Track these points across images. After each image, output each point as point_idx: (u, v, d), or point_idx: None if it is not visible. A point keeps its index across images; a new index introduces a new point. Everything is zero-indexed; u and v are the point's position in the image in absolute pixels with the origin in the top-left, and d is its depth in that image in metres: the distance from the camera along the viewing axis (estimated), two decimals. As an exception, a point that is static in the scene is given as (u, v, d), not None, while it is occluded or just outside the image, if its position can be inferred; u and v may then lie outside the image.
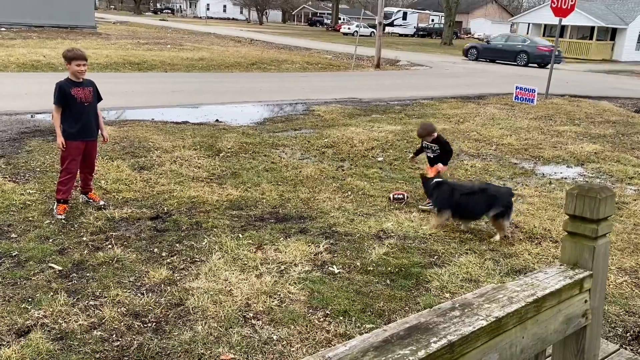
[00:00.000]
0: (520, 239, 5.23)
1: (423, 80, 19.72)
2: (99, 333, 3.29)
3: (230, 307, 3.63)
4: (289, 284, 3.99)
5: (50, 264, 4.11)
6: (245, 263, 4.30)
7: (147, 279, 3.98)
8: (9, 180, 5.93)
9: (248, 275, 4.08)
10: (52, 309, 3.48)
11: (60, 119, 5.00)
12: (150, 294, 3.77)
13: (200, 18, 76.34)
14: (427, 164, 6.26)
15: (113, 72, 16.30)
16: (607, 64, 35.45)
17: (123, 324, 3.39)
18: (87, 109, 5.09)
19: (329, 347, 2.98)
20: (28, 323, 3.33)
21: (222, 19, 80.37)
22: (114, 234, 4.75)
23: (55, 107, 4.97)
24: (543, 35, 41.93)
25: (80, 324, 3.35)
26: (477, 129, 10.52)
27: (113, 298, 3.67)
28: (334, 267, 4.35)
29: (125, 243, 4.59)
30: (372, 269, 4.35)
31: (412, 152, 6.96)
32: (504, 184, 7.08)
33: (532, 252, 4.92)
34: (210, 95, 13.08)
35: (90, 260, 4.22)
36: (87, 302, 3.63)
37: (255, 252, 4.51)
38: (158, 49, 22.41)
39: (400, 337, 1.26)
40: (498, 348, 1.45)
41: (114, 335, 3.28)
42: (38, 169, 6.44)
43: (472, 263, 4.56)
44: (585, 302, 1.81)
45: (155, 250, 4.49)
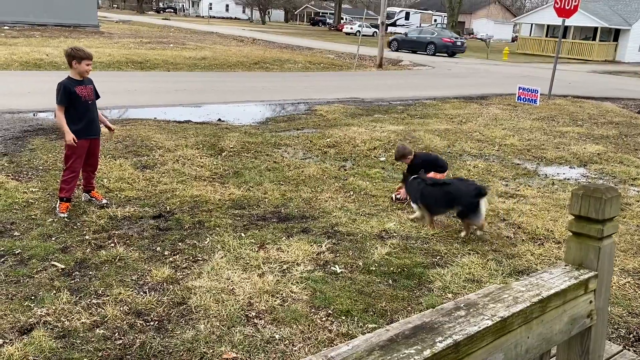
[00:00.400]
0: (523, 240, 5.22)
1: (425, 80, 19.71)
2: (102, 331, 3.29)
3: (233, 306, 3.63)
4: (292, 284, 3.99)
5: (53, 262, 4.12)
6: (248, 262, 4.30)
7: (149, 278, 3.98)
8: (12, 179, 5.94)
9: (250, 275, 4.08)
10: (54, 307, 3.48)
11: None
12: (153, 293, 3.77)
13: (203, 17, 76.42)
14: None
15: (116, 70, 16.32)
16: (610, 65, 35.39)
17: (125, 323, 3.39)
18: (90, 107, 5.12)
19: (332, 346, 2.97)
20: (31, 321, 3.34)
21: (224, 18, 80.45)
22: (117, 233, 4.75)
23: (59, 106, 4.97)
24: (546, 36, 41.98)
25: (83, 322, 3.35)
26: (479, 130, 10.51)
27: (115, 296, 3.67)
28: (336, 266, 4.35)
29: (128, 242, 4.60)
30: (374, 269, 4.34)
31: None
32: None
33: (534, 252, 4.92)
34: (213, 95, 13.08)
35: (93, 259, 4.23)
36: (89, 300, 3.63)
37: (258, 251, 4.51)
38: (161, 48, 22.43)
39: (406, 336, 1.26)
40: (503, 348, 1.44)
41: (117, 334, 3.28)
42: (41, 167, 6.45)
43: (474, 263, 4.55)
44: (590, 302, 1.80)
45: (158, 249, 4.50)
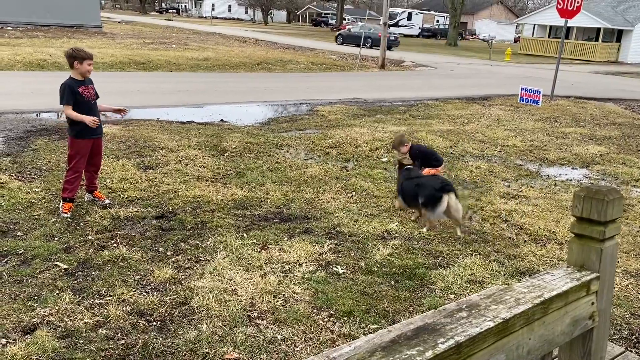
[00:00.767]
0: (525, 241, 5.22)
1: (428, 81, 19.70)
2: (104, 331, 3.30)
3: (235, 306, 3.63)
4: (294, 284, 3.99)
5: (56, 262, 4.13)
6: (250, 263, 4.31)
7: (152, 278, 3.99)
8: (16, 179, 5.96)
9: (252, 275, 4.08)
10: (57, 307, 3.50)
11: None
12: (155, 293, 3.78)
13: (206, 18, 76.52)
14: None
15: (118, 71, 16.36)
16: (612, 66, 35.31)
17: (128, 323, 3.40)
18: (92, 107, 5.13)
19: (334, 347, 2.98)
20: (34, 321, 3.35)
21: (227, 19, 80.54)
22: (119, 233, 4.76)
23: (66, 105, 4.98)
24: (548, 37, 41.92)
25: (86, 322, 3.36)
26: (482, 130, 10.50)
27: (118, 297, 3.69)
28: (338, 267, 4.35)
29: (131, 242, 4.61)
30: (376, 270, 4.35)
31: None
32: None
33: (537, 253, 4.91)
34: (215, 95, 13.10)
35: (96, 259, 4.24)
36: (92, 300, 3.64)
37: (260, 251, 4.52)
38: (163, 49, 22.46)
39: (408, 337, 1.26)
40: (505, 349, 1.44)
41: (119, 334, 3.29)
42: (44, 168, 6.47)
43: (476, 264, 4.55)
44: (592, 304, 1.80)
45: (160, 249, 4.51)
